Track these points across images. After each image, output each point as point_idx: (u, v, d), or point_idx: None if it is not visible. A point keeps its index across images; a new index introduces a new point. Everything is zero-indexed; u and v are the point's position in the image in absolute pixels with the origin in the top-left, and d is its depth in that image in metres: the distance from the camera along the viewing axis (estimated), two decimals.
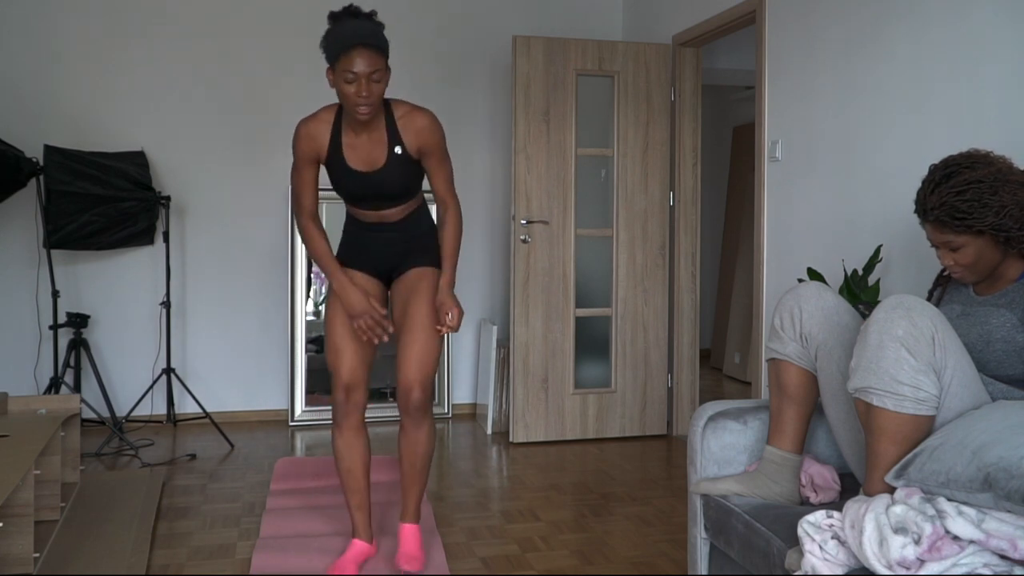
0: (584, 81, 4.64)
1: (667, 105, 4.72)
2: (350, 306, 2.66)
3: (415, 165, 2.68)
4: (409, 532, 2.83)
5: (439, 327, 2.69)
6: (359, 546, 2.82)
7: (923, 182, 2.05)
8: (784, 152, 3.80)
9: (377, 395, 5.15)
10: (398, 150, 2.62)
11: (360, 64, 2.43)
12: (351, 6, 2.52)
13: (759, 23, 3.93)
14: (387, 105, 2.65)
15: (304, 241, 2.72)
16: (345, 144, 2.61)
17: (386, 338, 2.67)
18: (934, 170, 2.04)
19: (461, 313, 2.69)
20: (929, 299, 2.24)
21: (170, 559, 2.93)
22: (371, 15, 2.52)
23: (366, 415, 4.90)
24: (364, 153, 2.62)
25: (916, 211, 2.07)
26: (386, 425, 4.95)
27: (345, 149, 2.61)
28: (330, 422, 4.94)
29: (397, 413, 5.08)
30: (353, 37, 2.43)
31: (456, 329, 2.69)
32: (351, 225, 2.82)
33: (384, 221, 2.75)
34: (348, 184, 2.65)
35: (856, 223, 3.33)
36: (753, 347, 4.03)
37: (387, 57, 2.51)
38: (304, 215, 2.70)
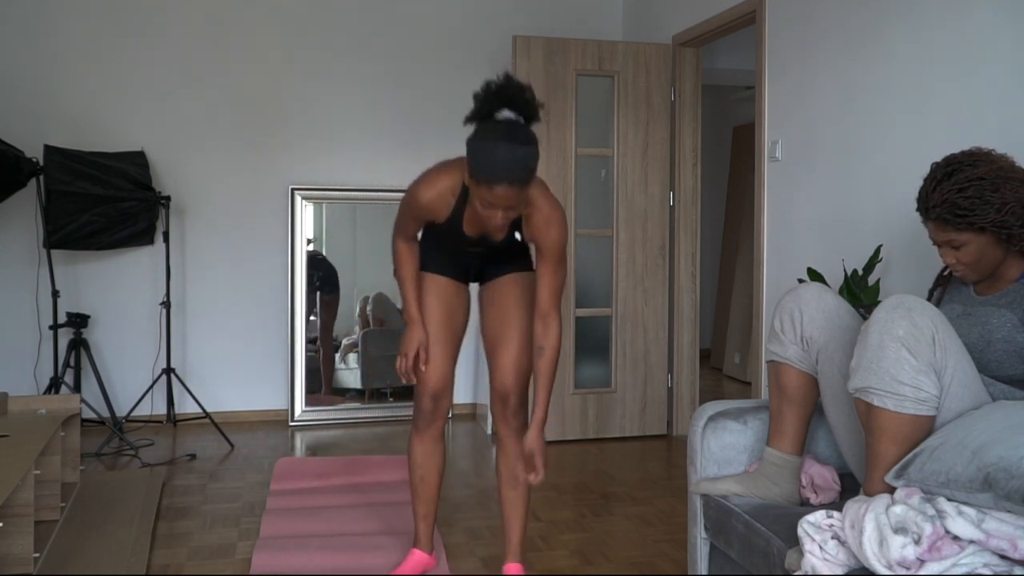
0: (584, 81, 4.64)
1: (667, 105, 4.72)
2: (407, 344, 2.55)
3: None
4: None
5: (529, 476, 2.41)
6: (418, 556, 2.76)
7: (925, 180, 2.05)
8: (784, 152, 3.80)
9: (377, 395, 5.15)
10: (517, 236, 2.46)
11: (503, 199, 2.17)
12: (510, 89, 2.30)
13: (759, 23, 3.93)
14: None
15: (394, 257, 2.58)
16: (466, 217, 2.44)
17: (406, 381, 2.60)
18: (936, 168, 2.04)
19: (546, 463, 2.44)
20: (929, 299, 2.24)
21: (170, 559, 2.93)
22: (530, 108, 2.27)
23: (361, 415, 4.99)
24: (482, 226, 2.45)
25: (918, 209, 2.07)
26: (390, 424, 4.95)
27: (465, 220, 2.44)
28: (331, 422, 4.96)
29: (399, 413, 5.10)
30: (503, 173, 2.13)
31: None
32: (431, 238, 2.62)
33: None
34: (454, 241, 2.52)
35: (856, 223, 3.33)
36: (753, 347, 4.02)
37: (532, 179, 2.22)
38: (401, 238, 2.56)
